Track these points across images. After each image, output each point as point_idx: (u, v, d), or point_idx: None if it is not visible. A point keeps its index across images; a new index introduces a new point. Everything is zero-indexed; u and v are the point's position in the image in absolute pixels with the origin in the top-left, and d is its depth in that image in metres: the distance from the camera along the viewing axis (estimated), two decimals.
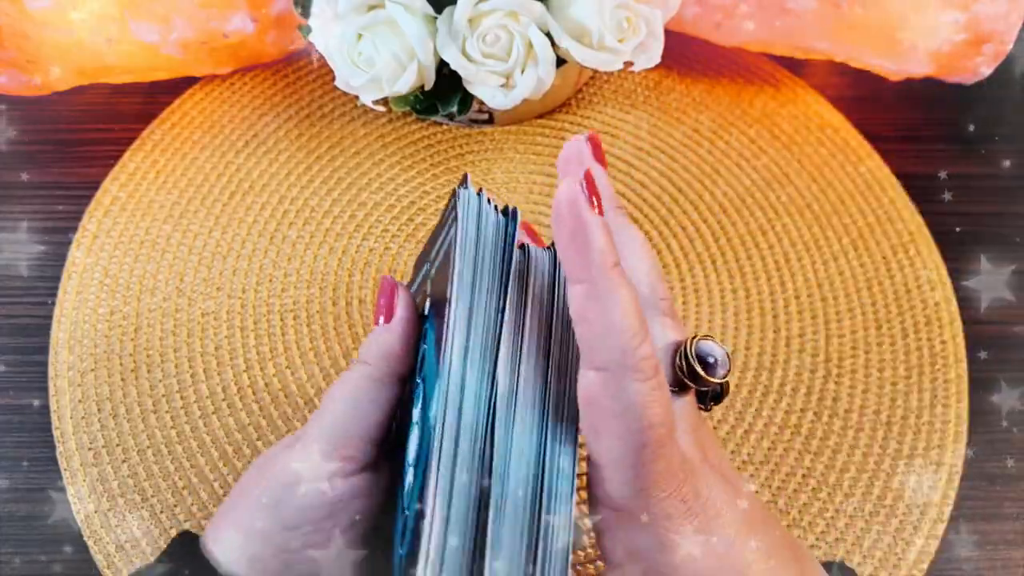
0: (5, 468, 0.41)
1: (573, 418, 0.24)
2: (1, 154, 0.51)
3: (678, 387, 0.24)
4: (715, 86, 0.55)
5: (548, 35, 0.42)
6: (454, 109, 0.44)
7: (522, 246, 0.27)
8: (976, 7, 0.45)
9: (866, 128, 0.53)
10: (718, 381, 0.24)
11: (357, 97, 0.45)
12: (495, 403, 0.23)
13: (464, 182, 0.27)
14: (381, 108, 0.45)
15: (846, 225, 0.49)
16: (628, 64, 0.44)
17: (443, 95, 0.44)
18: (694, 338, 0.24)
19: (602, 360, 0.21)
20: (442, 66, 0.43)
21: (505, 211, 0.27)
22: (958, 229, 0.49)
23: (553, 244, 0.27)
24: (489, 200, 0.27)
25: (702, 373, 0.24)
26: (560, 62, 0.43)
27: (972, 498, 0.41)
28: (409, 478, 0.26)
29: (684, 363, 0.24)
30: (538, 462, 0.23)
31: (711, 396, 0.25)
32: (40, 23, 0.46)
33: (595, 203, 0.22)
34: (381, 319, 0.28)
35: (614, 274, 0.21)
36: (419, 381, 0.28)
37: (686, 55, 0.55)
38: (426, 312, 0.29)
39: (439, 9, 0.42)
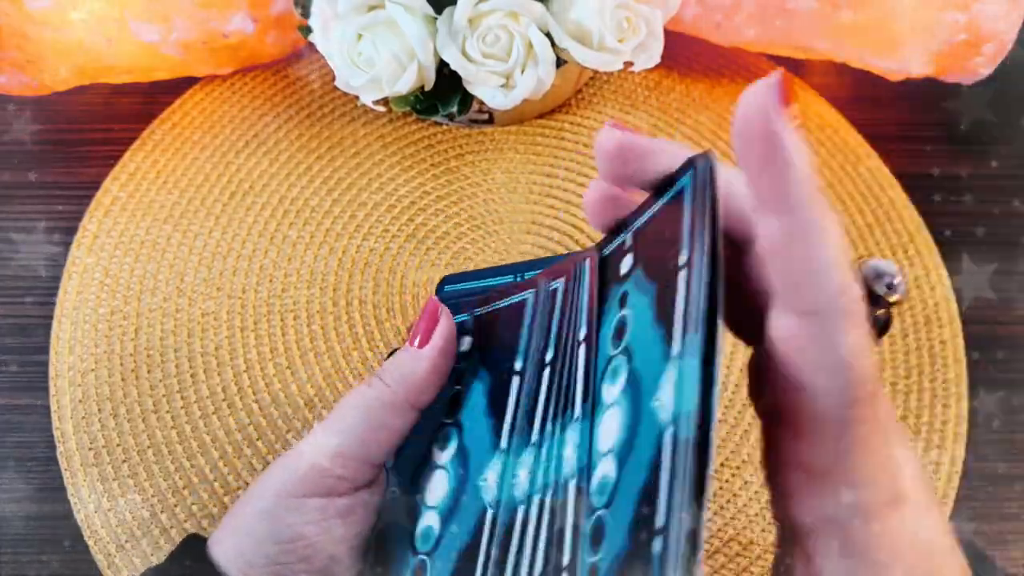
0: (5, 468, 0.41)
1: None
2: (1, 154, 0.51)
3: None
4: (715, 86, 0.55)
5: (548, 35, 0.42)
6: (454, 109, 0.44)
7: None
8: (976, 7, 0.45)
9: (866, 128, 0.53)
10: (899, 298, 0.21)
11: (357, 97, 0.45)
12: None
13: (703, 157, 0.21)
14: (381, 108, 0.45)
15: (846, 225, 0.49)
16: (628, 64, 0.44)
17: (443, 95, 0.44)
18: (860, 259, 0.22)
19: (809, 303, 0.18)
20: (442, 66, 0.43)
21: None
22: (959, 229, 0.49)
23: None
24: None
25: (882, 294, 0.21)
26: (560, 62, 0.43)
27: (972, 498, 0.41)
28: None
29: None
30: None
31: (879, 326, 0.22)
32: (40, 23, 0.46)
33: (792, 113, 0.17)
34: (415, 342, 0.26)
35: (820, 203, 0.18)
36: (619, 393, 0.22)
37: (686, 55, 0.55)
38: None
39: (439, 9, 0.42)
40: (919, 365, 0.44)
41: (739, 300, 0.21)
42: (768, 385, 0.20)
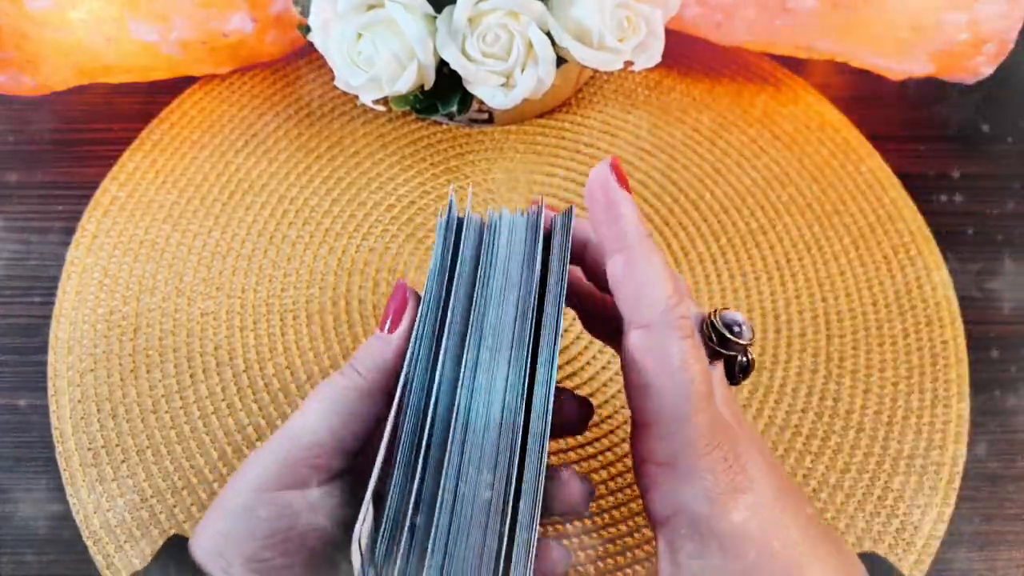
0: (4, 468, 0.41)
1: None
2: (2, 154, 0.51)
3: (709, 357, 0.26)
4: (715, 86, 0.55)
5: (548, 34, 0.42)
6: (454, 108, 0.44)
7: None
8: (977, 7, 0.45)
9: (867, 128, 0.53)
10: (746, 343, 0.26)
11: (357, 97, 0.45)
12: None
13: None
14: (381, 108, 0.45)
15: (847, 225, 0.49)
16: (628, 64, 0.44)
17: (443, 94, 0.44)
18: (714, 311, 0.26)
19: (645, 318, 0.23)
20: (442, 65, 0.43)
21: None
22: (960, 229, 0.49)
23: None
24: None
25: (731, 337, 0.25)
26: (560, 61, 0.43)
27: (972, 498, 0.41)
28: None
29: (712, 332, 0.26)
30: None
31: (739, 368, 0.26)
32: (40, 23, 0.46)
33: (623, 183, 0.25)
34: (385, 327, 0.26)
35: (648, 242, 0.24)
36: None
37: (687, 55, 0.55)
38: None
39: (439, 8, 0.41)
40: (920, 365, 0.44)
41: (609, 326, 0.28)
42: (627, 391, 0.25)
